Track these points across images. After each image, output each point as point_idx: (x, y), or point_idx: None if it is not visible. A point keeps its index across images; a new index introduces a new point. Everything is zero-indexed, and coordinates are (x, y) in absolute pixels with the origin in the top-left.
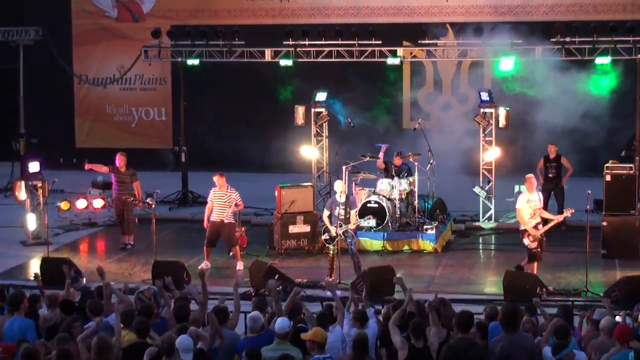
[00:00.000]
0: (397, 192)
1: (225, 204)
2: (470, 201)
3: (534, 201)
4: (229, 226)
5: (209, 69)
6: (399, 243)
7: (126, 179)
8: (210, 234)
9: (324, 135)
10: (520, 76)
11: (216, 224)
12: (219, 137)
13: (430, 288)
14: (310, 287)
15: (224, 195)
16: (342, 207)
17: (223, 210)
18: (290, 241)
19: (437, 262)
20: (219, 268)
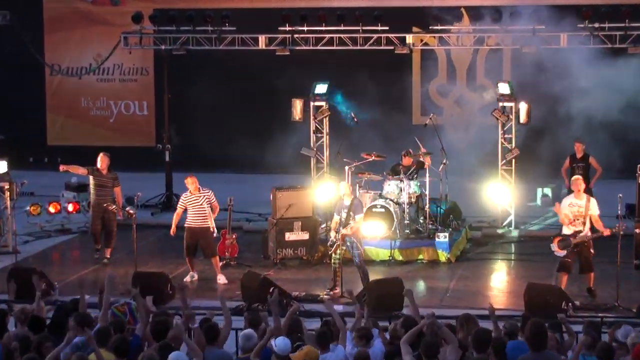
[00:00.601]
0: (406, 196)
1: (201, 207)
2: (488, 206)
3: (577, 206)
4: (206, 233)
5: (196, 58)
6: (408, 252)
7: (108, 183)
8: (188, 241)
9: (324, 132)
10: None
11: (193, 230)
12: (207, 133)
13: (443, 302)
14: (308, 301)
15: (198, 197)
16: (345, 210)
17: (199, 214)
18: (287, 250)
19: (451, 274)
20: (206, 280)
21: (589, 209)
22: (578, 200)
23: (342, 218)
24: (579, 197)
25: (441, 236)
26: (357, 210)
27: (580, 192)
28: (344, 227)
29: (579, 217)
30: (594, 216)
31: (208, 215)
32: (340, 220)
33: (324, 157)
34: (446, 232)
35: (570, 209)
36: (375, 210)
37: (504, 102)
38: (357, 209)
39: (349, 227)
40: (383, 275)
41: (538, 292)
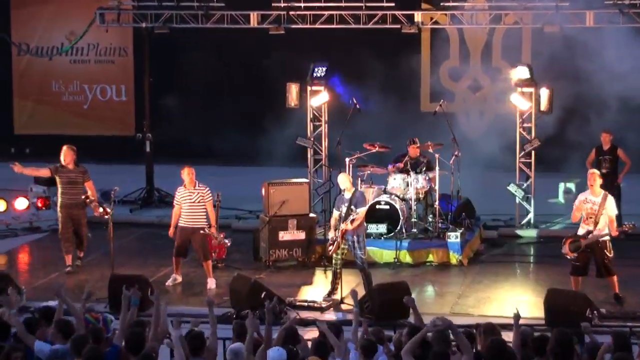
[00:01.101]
0: (413, 191)
1: (195, 205)
2: (505, 202)
3: (591, 203)
4: (201, 235)
5: (180, 38)
6: (415, 254)
7: (77, 179)
8: (180, 242)
9: (323, 120)
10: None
11: (186, 231)
12: (192, 121)
13: (454, 310)
14: (304, 309)
15: (192, 194)
16: (346, 204)
17: (193, 213)
18: (281, 251)
19: (463, 278)
20: (192, 284)
21: (603, 207)
22: (593, 197)
23: (342, 213)
24: (595, 194)
25: (452, 236)
26: (359, 203)
27: (595, 188)
28: (344, 222)
29: (591, 216)
30: (610, 217)
31: (203, 214)
32: (340, 216)
33: (322, 147)
34: (458, 231)
35: (584, 206)
36: (379, 207)
37: (523, 88)
38: (359, 201)
39: (350, 220)
40: (387, 279)
41: (560, 299)
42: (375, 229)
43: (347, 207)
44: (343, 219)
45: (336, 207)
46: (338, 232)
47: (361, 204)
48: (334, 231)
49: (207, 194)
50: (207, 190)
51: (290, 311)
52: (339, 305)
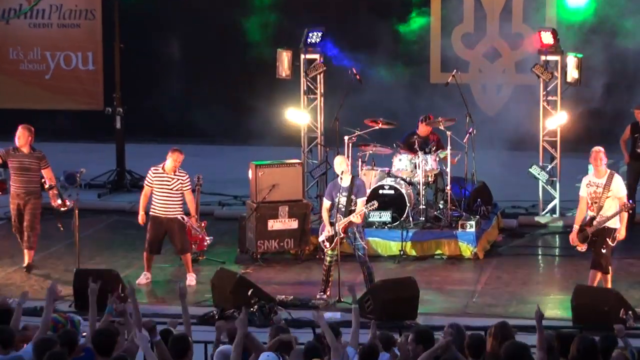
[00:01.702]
0: (422, 174)
1: (172, 192)
2: (526, 187)
3: (595, 186)
4: (179, 225)
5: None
6: (424, 245)
7: (32, 165)
8: (153, 235)
9: (319, 92)
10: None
11: (160, 221)
12: (169, 94)
13: (468, 309)
14: (297, 307)
15: (170, 179)
16: (344, 193)
17: (169, 201)
18: (270, 242)
19: (479, 273)
20: (169, 280)
21: (609, 189)
22: (597, 179)
23: (339, 203)
24: (599, 175)
25: (466, 225)
26: (360, 192)
27: (599, 168)
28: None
29: (595, 200)
30: (619, 199)
31: (180, 202)
32: (335, 207)
33: (317, 124)
34: (472, 220)
35: (588, 190)
36: (383, 192)
37: (548, 56)
38: (360, 189)
39: (355, 214)
40: (392, 274)
41: (589, 297)
42: (378, 217)
43: (347, 197)
44: (343, 212)
45: (328, 195)
46: (338, 228)
47: (363, 192)
48: (330, 226)
49: (187, 181)
50: (186, 178)
51: (281, 311)
52: (336, 304)
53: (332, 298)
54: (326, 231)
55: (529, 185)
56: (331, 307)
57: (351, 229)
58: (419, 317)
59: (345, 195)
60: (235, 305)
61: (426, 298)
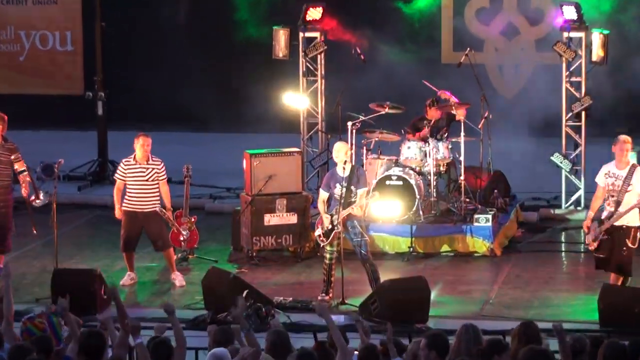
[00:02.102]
0: (433, 162)
1: (147, 183)
2: (548, 177)
3: (614, 178)
4: (156, 217)
5: None
6: (435, 241)
7: (1, 157)
8: (127, 231)
9: (319, 74)
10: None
11: (135, 216)
12: (156, 77)
13: (484, 312)
14: (297, 310)
15: (144, 169)
16: (344, 184)
17: (145, 194)
18: (267, 238)
19: (495, 272)
20: (157, 280)
21: (629, 182)
22: (617, 170)
23: (341, 194)
24: (620, 166)
25: (481, 219)
26: (361, 182)
27: (623, 158)
28: (345, 207)
29: (612, 194)
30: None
31: (157, 195)
32: (333, 198)
33: (318, 109)
34: (488, 213)
35: (606, 181)
36: (390, 183)
37: (571, 32)
38: (360, 179)
39: (356, 205)
40: (400, 273)
41: (618, 298)
42: (385, 210)
43: (346, 187)
44: (342, 203)
45: (325, 186)
46: (336, 220)
47: (363, 182)
48: (327, 219)
49: (162, 170)
50: (161, 166)
51: (279, 314)
52: (339, 307)
53: (334, 299)
54: (321, 226)
55: (551, 175)
56: (334, 310)
57: (351, 223)
58: (430, 320)
59: (345, 185)
60: (229, 308)
61: (438, 299)
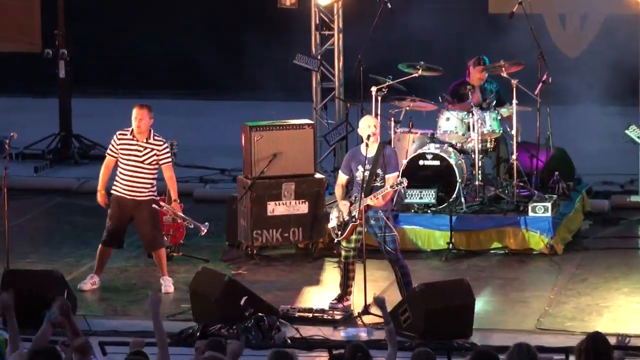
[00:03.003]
0: (478, 138)
1: (144, 166)
2: (621, 156)
3: None
4: (148, 209)
5: None
6: (480, 236)
7: None
8: (115, 221)
9: (336, 27)
10: None
11: (125, 204)
12: (133, 31)
13: (542, 324)
14: (307, 322)
15: (141, 148)
16: (367, 166)
17: (139, 178)
18: (270, 232)
19: (556, 274)
20: (133, 285)
21: None
22: None
23: (363, 177)
24: None
25: (539, 208)
26: (390, 165)
27: None
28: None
29: None
30: None
31: (153, 181)
32: (355, 183)
33: (334, 71)
34: (548, 201)
35: None
36: (425, 164)
37: None
38: (390, 162)
39: (378, 194)
40: (437, 275)
41: None
42: (419, 197)
43: (370, 170)
44: (363, 188)
45: (345, 167)
46: (355, 210)
47: (393, 165)
48: (345, 208)
49: (165, 152)
50: (164, 147)
51: (286, 326)
52: (360, 317)
53: (350, 308)
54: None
55: (626, 154)
56: (352, 322)
57: (374, 213)
58: (474, 335)
59: (369, 168)
60: (223, 318)
61: (484, 308)
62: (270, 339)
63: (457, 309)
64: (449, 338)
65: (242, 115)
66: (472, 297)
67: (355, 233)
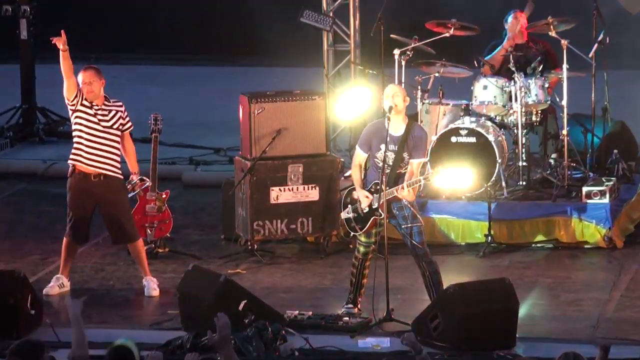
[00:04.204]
0: (522, 110)
1: (111, 132)
2: None
3: None
4: (117, 190)
5: None
6: (525, 227)
7: None
8: (77, 206)
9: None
10: None
11: (88, 182)
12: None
13: (598, 331)
14: (319, 329)
15: (106, 112)
16: (391, 146)
17: (105, 147)
18: (275, 223)
19: (615, 272)
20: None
21: None
22: None
23: (384, 160)
24: None
25: (594, 193)
26: (418, 148)
27: None
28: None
29: None
30: None
31: (119, 153)
32: (373, 164)
33: (349, 31)
34: (605, 184)
35: None
36: (458, 141)
37: None
38: (419, 144)
39: (410, 185)
40: (473, 274)
41: None
42: (451, 180)
43: (397, 152)
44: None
45: (364, 144)
46: (376, 200)
47: (421, 150)
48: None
49: (127, 116)
50: (124, 109)
51: (293, 335)
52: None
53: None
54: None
55: None
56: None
57: (397, 203)
58: (518, 344)
59: (394, 149)
60: None
61: (530, 313)
62: (274, 351)
63: (498, 314)
64: (488, 349)
65: (240, 83)
66: (515, 300)
67: (376, 226)
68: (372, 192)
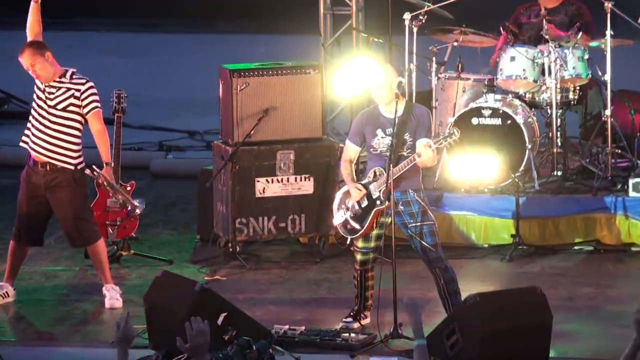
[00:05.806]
0: (556, 86)
1: (61, 116)
2: None
3: None
4: (66, 181)
5: None
6: (560, 226)
7: None
8: (25, 202)
9: None
10: None
11: (38, 173)
12: None
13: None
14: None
15: (53, 91)
16: (388, 130)
17: (54, 134)
18: (260, 221)
19: None
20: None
21: None
22: None
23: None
24: None
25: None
26: (421, 127)
27: None
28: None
29: None
30: None
31: (77, 139)
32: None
33: None
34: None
35: None
36: (481, 122)
37: None
38: (422, 123)
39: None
40: (498, 281)
41: None
42: (471, 169)
43: (396, 135)
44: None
45: (355, 135)
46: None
47: (425, 130)
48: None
49: (88, 94)
50: (87, 87)
51: (282, 355)
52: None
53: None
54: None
55: None
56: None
57: (401, 195)
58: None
59: (390, 134)
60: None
61: (566, 328)
62: None
63: (527, 330)
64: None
65: (220, 54)
66: (548, 312)
67: (376, 226)
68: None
